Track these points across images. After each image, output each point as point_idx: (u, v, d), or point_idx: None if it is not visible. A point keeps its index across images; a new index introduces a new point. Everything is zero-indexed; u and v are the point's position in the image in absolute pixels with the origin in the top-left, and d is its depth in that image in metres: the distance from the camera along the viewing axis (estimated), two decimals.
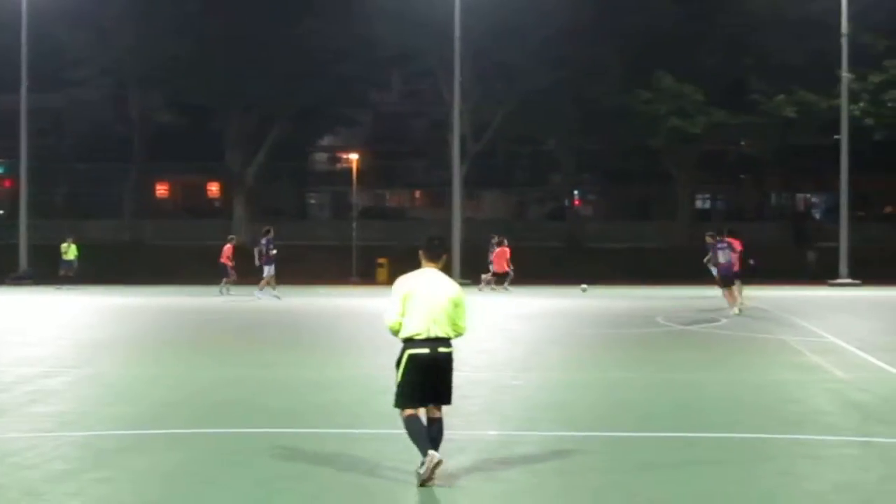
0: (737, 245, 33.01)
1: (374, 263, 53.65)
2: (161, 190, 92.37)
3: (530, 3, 58.09)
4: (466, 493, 10.75)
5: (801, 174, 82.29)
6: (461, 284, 11.79)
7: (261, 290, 40.29)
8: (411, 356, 10.96)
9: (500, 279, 45.15)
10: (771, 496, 10.77)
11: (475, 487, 10.97)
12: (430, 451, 10.71)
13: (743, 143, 71.86)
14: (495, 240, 47.07)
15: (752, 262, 41.02)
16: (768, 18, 60.81)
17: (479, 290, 44.10)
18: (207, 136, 71.38)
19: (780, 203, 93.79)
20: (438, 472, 10.71)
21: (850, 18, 52.41)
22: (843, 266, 51.49)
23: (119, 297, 42.23)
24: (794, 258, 60.23)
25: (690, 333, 27.19)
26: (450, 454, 12.18)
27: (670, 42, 62.99)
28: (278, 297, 39.34)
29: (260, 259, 40.93)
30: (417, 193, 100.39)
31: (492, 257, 46.48)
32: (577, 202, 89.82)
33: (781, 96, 60.07)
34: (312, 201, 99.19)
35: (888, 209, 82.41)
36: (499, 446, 12.83)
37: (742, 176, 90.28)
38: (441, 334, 11.02)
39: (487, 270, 46.40)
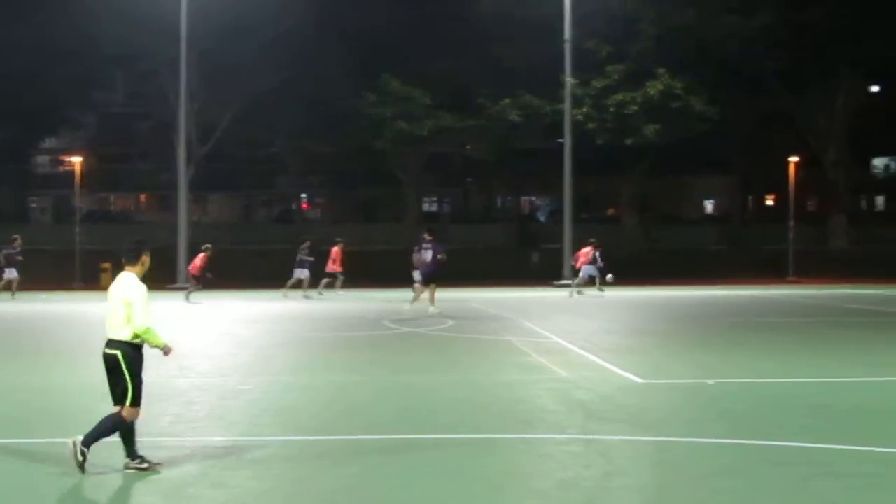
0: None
1: (97, 268, 52.45)
2: None
3: (258, 3, 57.74)
4: (194, 501, 10.66)
5: (525, 177, 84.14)
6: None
7: None
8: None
9: (331, 280, 43.66)
10: (497, 495, 10.97)
11: (202, 494, 10.87)
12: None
13: (469, 146, 72.96)
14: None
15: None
16: (495, 24, 61.83)
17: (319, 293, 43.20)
18: None
19: (505, 205, 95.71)
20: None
21: (574, 24, 53.61)
22: (567, 267, 52.68)
23: None
24: (518, 260, 61.43)
25: (418, 336, 27.39)
26: (177, 461, 12.07)
27: (399, 46, 63.54)
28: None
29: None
30: (143, 197, 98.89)
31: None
32: (304, 205, 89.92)
33: (507, 100, 61.20)
34: (34, 205, 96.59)
35: (611, 211, 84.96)
36: (225, 452, 12.73)
37: (468, 179, 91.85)
38: (110, 335, 11.56)
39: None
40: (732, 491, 10.94)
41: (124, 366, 11.47)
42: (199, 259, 40.56)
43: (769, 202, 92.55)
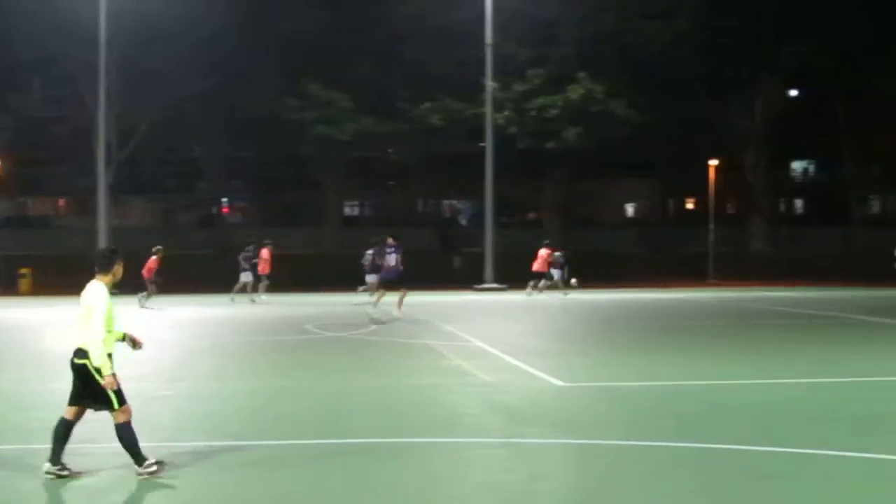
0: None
1: (15, 274, 51.84)
2: None
3: (179, 8, 57.25)
4: None
5: (447, 181, 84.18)
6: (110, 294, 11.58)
7: None
8: None
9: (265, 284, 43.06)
10: (416, 499, 10.94)
11: (125, 501, 10.77)
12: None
13: (390, 150, 72.88)
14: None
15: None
16: (415, 28, 61.80)
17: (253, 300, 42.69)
18: None
19: (427, 209, 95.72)
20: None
21: (495, 29, 53.67)
22: (489, 270, 52.82)
23: None
24: (440, 263, 61.43)
25: (338, 340, 27.31)
26: (99, 468, 11.95)
27: (321, 50, 63.36)
28: None
29: None
30: (62, 201, 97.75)
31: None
32: (225, 209, 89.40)
33: (427, 104, 61.18)
34: None
35: (532, 215, 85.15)
36: (150, 457, 12.58)
37: (390, 183, 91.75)
38: (78, 343, 11.45)
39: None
40: (658, 494, 10.97)
41: (96, 373, 11.37)
42: (153, 262, 39.99)
43: (689, 205, 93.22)
